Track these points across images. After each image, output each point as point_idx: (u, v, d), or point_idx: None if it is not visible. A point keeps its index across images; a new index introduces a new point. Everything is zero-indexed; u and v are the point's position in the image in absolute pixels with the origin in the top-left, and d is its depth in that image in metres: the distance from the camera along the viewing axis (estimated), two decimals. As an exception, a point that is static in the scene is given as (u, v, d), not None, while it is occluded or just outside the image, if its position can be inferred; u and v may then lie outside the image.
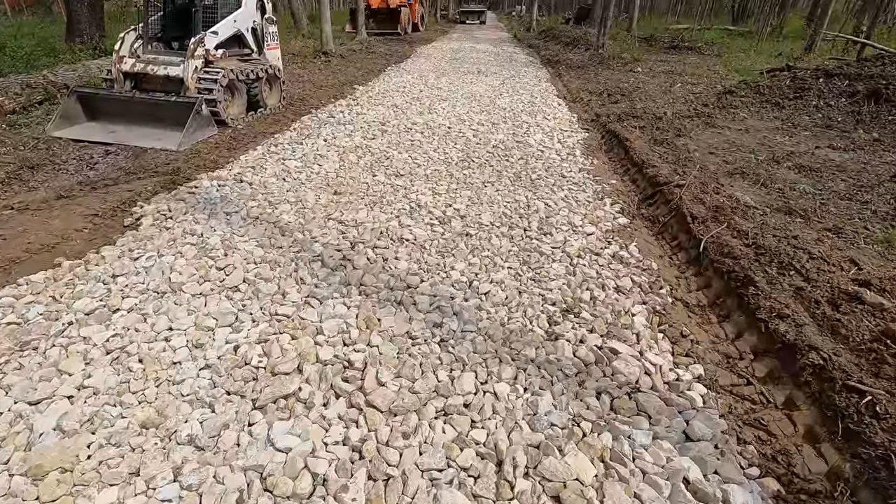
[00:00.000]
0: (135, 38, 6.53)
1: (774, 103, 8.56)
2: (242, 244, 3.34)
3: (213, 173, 4.84)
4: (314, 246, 3.35)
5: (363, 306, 2.72)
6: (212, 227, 3.61)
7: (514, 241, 3.59)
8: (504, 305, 2.81)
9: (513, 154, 5.67)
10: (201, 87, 6.22)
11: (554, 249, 3.45)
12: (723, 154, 6.11)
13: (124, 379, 2.15)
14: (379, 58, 14.55)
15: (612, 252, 3.48)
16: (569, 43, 18.76)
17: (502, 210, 4.11)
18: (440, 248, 3.43)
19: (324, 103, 8.29)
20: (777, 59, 14.90)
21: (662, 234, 4.00)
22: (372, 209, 4.04)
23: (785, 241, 3.26)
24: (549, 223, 3.89)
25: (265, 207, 3.97)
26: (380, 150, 5.60)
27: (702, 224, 3.68)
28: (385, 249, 3.37)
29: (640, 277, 3.17)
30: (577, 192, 4.59)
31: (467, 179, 4.82)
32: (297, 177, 4.71)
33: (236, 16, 6.93)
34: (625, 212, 4.23)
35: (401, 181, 4.69)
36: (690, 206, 3.94)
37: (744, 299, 2.84)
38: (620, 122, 7.23)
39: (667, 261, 3.59)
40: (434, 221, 3.84)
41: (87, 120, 6.28)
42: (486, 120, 7.26)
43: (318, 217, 3.84)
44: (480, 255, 3.35)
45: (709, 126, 7.39)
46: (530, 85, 10.62)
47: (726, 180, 5.06)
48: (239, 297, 2.79)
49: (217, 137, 6.11)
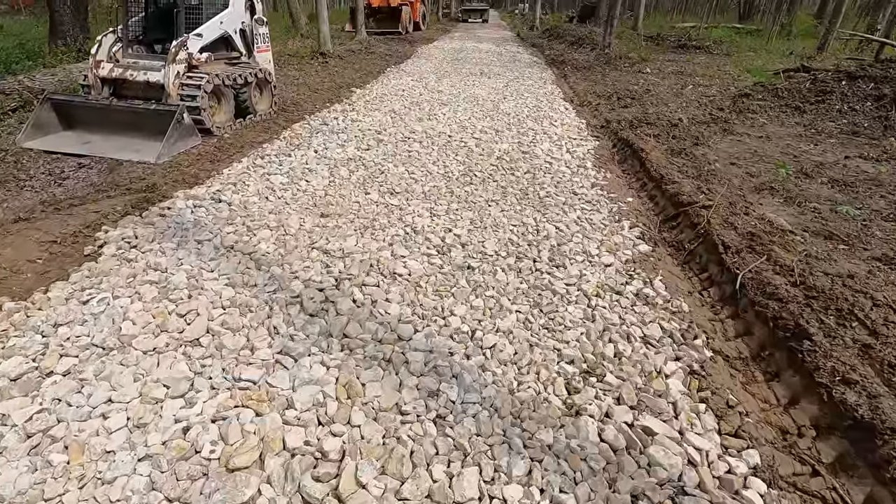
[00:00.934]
0: (114, 40, 6.10)
1: (795, 107, 8.08)
2: (211, 283, 2.90)
3: (190, 191, 4.41)
4: (293, 284, 2.92)
5: (345, 366, 2.28)
6: (179, 259, 3.18)
7: (522, 275, 3.14)
8: (513, 364, 2.37)
9: (519, 167, 5.22)
10: (184, 93, 5.79)
11: (569, 287, 3.01)
12: (745, 165, 5.65)
13: (40, 478, 1.71)
14: (378, 58, 14.10)
15: (636, 289, 3.03)
16: (573, 42, 18.26)
17: (508, 236, 3.66)
18: (438, 285, 2.99)
19: (318, 108, 7.85)
20: (789, 59, 14.41)
21: (689, 263, 3.55)
22: (362, 235, 3.60)
23: (840, 282, 2.80)
24: (561, 252, 3.45)
25: (242, 234, 3.54)
26: (374, 162, 5.15)
27: (736, 255, 3.23)
28: (374, 288, 2.93)
29: (670, 323, 2.73)
30: (591, 213, 4.14)
31: (469, 197, 4.38)
32: (281, 195, 4.27)
33: (223, 17, 6.49)
34: (645, 237, 3.78)
35: (396, 200, 4.25)
36: (721, 233, 3.49)
37: (797, 356, 2.39)
38: (633, 129, 6.77)
39: (697, 298, 3.14)
40: (432, 251, 3.39)
41: (62, 129, 5.86)
42: (489, 127, 6.81)
43: (300, 246, 3.41)
44: (484, 294, 2.91)
45: (727, 133, 6.93)
46: (535, 87, 10.16)
47: (754, 197, 4.60)
48: (199, 353, 2.35)
49: (200, 147, 5.68)
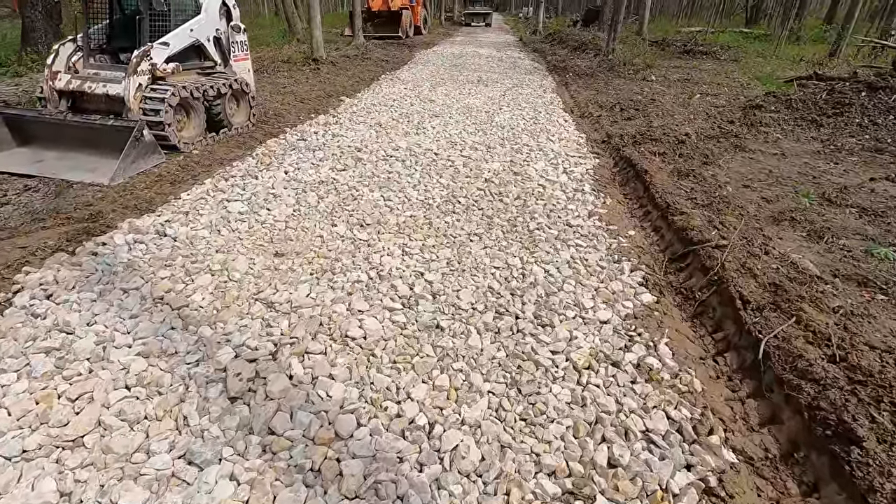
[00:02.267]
0: (73, 50, 5.63)
1: (811, 120, 7.54)
2: (121, 351, 2.40)
3: (137, 221, 3.92)
4: (221, 352, 2.41)
5: (259, 484, 1.77)
6: (94, 315, 2.68)
7: (500, 338, 2.62)
8: (477, 478, 1.85)
9: (508, 191, 4.70)
10: (146, 107, 5.32)
11: (555, 356, 2.48)
12: (760, 188, 5.11)
13: None
14: (373, 64, 13.64)
15: (637, 358, 2.51)
16: (576, 47, 17.76)
17: (488, 283, 3.14)
18: (397, 353, 2.47)
19: (301, 120, 7.36)
20: (800, 66, 13.86)
21: (700, 317, 3.02)
22: (318, 281, 3.08)
23: (891, 360, 2.26)
24: (549, 305, 2.92)
25: (178, 280, 3.03)
26: (348, 186, 4.65)
27: (758, 313, 2.70)
28: (319, 357, 2.41)
29: (678, 409, 2.20)
30: (587, 251, 3.61)
31: (449, 230, 3.86)
32: (235, 227, 3.77)
33: (193, 24, 6.01)
34: (649, 282, 3.25)
35: (365, 234, 3.74)
36: (738, 282, 2.96)
37: (842, 465, 1.86)
38: (636, 145, 6.24)
39: (711, 367, 2.60)
40: (396, 303, 2.88)
41: (15, 146, 5.39)
42: (480, 142, 6.29)
43: (242, 296, 2.90)
44: (451, 367, 2.39)
45: (738, 150, 6.39)
46: (534, 97, 9.65)
47: (773, 230, 4.07)
48: (77, 460, 1.84)
49: (164, 166, 5.20)
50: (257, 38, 16.66)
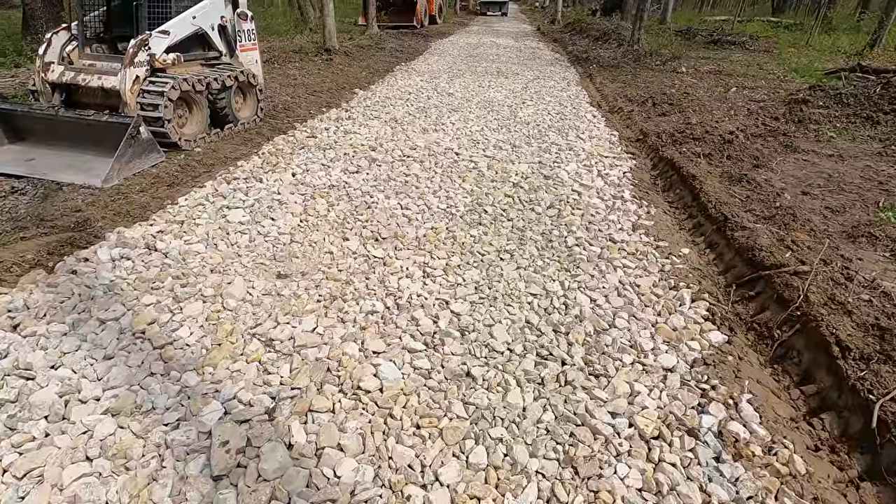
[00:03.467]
0: (67, 39, 5.22)
1: (865, 117, 6.88)
2: (87, 407, 1.97)
3: (127, 230, 3.50)
4: (207, 409, 1.97)
5: None
6: (62, 354, 2.26)
7: (545, 393, 2.15)
8: None
9: (540, 198, 4.20)
10: (144, 101, 4.90)
11: (615, 420, 2.00)
12: (822, 195, 4.55)
13: None
14: (388, 55, 13.13)
15: (717, 423, 2.02)
16: (598, 37, 17.03)
17: (526, 315, 2.66)
18: (421, 413, 2.01)
19: (312, 114, 6.91)
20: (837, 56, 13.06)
21: (782, 361, 2.52)
22: (326, 312, 2.63)
23: None
24: (599, 346, 2.44)
25: (164, 308, 2.60)
26: (361, 192, 4.18)
27: (862, 364, 2.19)
28: (324, 417, 1.96)
29: (780, 503, 1.71)
30: (637, 274, 3.11)
31: (476, 246, 3.38)
32: (235, 241, 3.33)
33: (196, 11, 5.55)
34: (716, 316, 2.74)
35: (380, 250, 3.28)
36: (830, 321, 2.44)
37: None
38: (677, 145, 5.68)
39: (806, 433, 2.11)
40: (417, 342, 2.41)
41: (6, 143, 5.01)
42: (504, 140, 5.78)
43: (237, 331, 2.46)
44: (489, 435, 1.92)
45: (790, 150, 5.81)
46: (557, 89, 9.07)
47: (849, 248, 3.53)
48: (12, 572, 1.43)
49: (162, 166, 4.79)
50: (269, 27, 16.22)
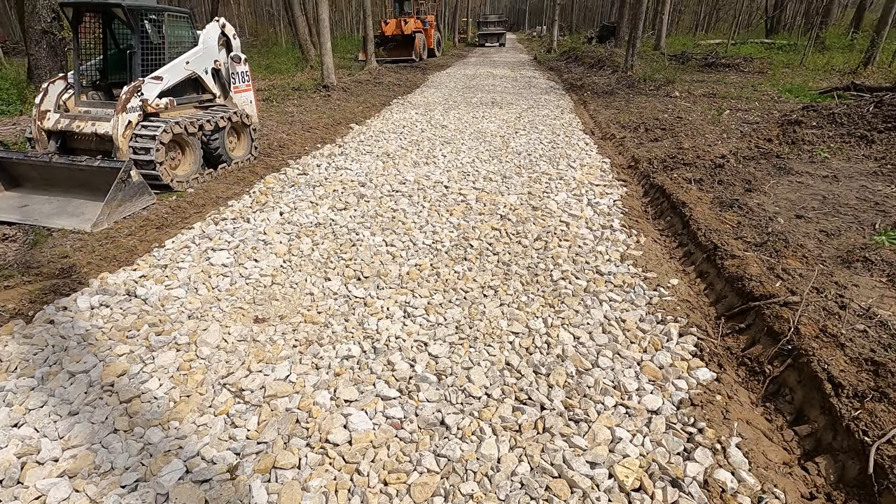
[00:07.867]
0: (63, 88, 5.36)
1: (860, 136, 6.83)
2: (42, 470, 1.90)
3: (110, 276, 3.49)
4: (167, 469, 1.89)
5: None
6: (27, 411, 2.20)
7: (521, 441, 2.05)
8: None
9: (527, 230, 4.16)
10: (136, 146, 4.98)
11: (594, 470, 1.90)
12: (816, 218, 4.47)
13: None
14: (385, 89, 13.39)
15: (702, 471, 1.91)
16: (593, 64, 17.32)
17: (505, 356, 2.58)
18: (388, 468, 1.93)
19: (306, 151, 7.00)
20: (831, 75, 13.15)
21: (774, 399, 2.40)
22: (301, 358, 2.57)
23: None
24: (581, 388, 2.35)
25: (136, 359, 2.55)
26: (347, 229, 4.16)
27: (857, 403, 2.08)
28: (288, 475, 1.88)
29: (771, 562, 1.60)
30: (624, 308, 3.03)
31: (459, 283, 3.33)
32: (216, 285, 3.30)
33: (189, 56, 5.70)
34: (704, 351, 2.64)
35: (361, 290, 3.23)
36: (822, 355, 2.34)
37: None
38: (668, 171, 5.65)
39: (800, 479, 1.98)
40: (391, 390, 2.33)
41: (3, 190, 5.10)
42: (495, 172, 5.79)
43: (207, 381, 2.40)
44: (459, 491, 1.82)
45: (783, 172, 5.75)
46: (551, 118, 9.15)
47: (844, 274, 3.42)
48: None
49: (154, 208, 4.83)
50: (271, 66, 16.67)
